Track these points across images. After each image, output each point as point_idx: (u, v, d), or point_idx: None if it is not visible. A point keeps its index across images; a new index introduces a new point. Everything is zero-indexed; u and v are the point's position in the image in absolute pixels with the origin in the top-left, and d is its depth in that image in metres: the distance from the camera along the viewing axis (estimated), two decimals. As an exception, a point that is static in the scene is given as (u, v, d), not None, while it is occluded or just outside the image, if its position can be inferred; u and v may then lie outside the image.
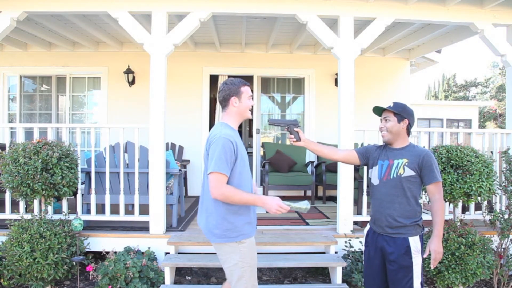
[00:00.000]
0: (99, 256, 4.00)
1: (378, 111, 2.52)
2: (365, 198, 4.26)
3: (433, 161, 2.35)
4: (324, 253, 3.98)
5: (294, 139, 2.52)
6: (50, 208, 3.98)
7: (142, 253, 3.81)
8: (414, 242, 2.32)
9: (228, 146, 2.10)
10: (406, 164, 2.35)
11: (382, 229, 2.39)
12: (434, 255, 2.24)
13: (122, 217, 4.11)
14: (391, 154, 2.43)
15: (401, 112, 2.41)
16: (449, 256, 3.38)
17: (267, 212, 2.71)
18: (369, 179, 2.56)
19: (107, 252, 3.75)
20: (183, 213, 5.03)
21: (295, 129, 2.52)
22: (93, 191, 4.11)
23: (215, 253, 3.79)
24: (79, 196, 4.08)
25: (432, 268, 2.30)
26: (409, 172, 2.34)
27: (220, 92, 2.30)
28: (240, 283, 2.19)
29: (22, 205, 3.96)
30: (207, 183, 2.16)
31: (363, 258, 2.58)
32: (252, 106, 2.36)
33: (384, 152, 2.48)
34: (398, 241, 2.33)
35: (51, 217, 3.85)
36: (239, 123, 2.35)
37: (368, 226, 2.57)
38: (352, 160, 2.62)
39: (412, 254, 2.30)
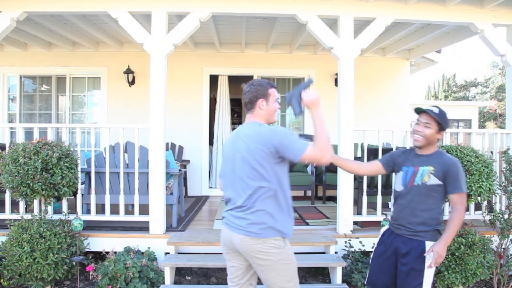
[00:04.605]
0: (99, 256, 3.99)
1: (419, 111, 2.39)
2: (365, 198, 4.26)
3: (460, 171, 2.27)
4: (324, 253, 3.98)
5: None
6: (50, 208, 3.97)
7: (142, 253, 3.81)
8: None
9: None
10: (432, 172, 2.28)
11: (401, 231, 2.37)
12: (436, 256, 2.20)
13: (122, 217, 4.11)
14: (417, 160, 2.37)
15: (443, 122, 2.30)
16: (449, 256, 3.38)
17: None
18: (393, 184, 2.52)
19: (107, 252, 3.75)
20: (183, 213, 5.03)
21: None
22: (93, 191, 4.11)
23: (215, 253, 3.83)
24: (79, 196, 4.08)
25: (426, 267, 2.25)
26: (434, 181, 2.28)
27: (246, 94, 2.15)
28: None
29: (22, 205, 3.96)
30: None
31: (372, 255, 2.54)
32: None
33: (410, 158, 2.41)
34: (414, 243, 2.29)
35: (51, 217, 3.85)
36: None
37: (386, 226, 2.55)
38: (378, 172, 2.58)
39: (426, 259, 2.25)
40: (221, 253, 3.77)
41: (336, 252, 3.94)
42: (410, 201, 2.34)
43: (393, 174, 2.56)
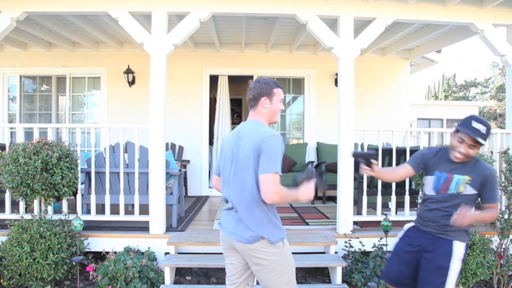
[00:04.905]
0: (99, 256, 4.00)
1: (469, 132, 2.20)
2: (365, 198, 4.26)
3: (496, 182, 2.25)
4: (324, 253, 3.98)
5: (370, 171, 2.41)
6: (50, 208, 3.98)
7: (142, 253, 3.81)
8: (459, 248, 2.27)
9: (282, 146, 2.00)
10: (469, 182, 2.22)
11: (430, 229, 2.35)
12: (461, 215, 2.10)
13: (122, 217, 4.11)
14: (451, 167, 2.29)
15: (487, 140, 2.22)
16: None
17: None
18: (421, 185, 2.49)
19: (107, 252, 3.75)
20: (183, 213, 5.03)
21: (372, 160, 2.41)
22: (93, 191, 4.11)
23: (215, 253, 3.83)
24: (79, 196, 4.08)
25: (448, 221, 2.20)
26: (470, 191, 2.24)
27: (251, 90, 2.12)
28: None
29: (22, 205, 3.96)
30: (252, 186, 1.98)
31: (392, 249, 2.52)
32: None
33: (443, 162, 2.33)
34: (442, 241, 2.28)
35: (51, 217, 3.85)
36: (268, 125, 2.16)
37: (411, 224, 2.52)
38: (410, 175, 2.52)
39: (452, 258, 2.24)
40: (221, 253, 3.77)
41: (336, 252, 3.94)
42: (442, 206, 2.31)
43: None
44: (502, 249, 3.76)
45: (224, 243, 2.17)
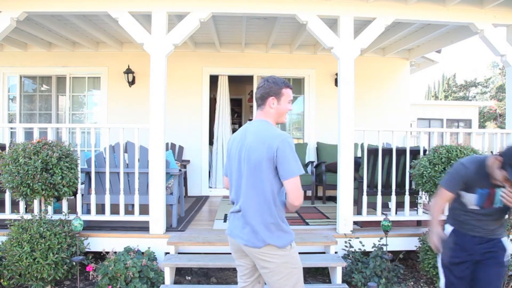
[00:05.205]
0: (99, 256, 4.00)
1: None
2: (365, 198, 4.25)
3: None
4: (324, 253, 3.98)
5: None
6: (50, 208, 3.98)
7: (142, 253, 3.81)
8: (508, 242, 2.40)
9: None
10: None
11: (481, 234, 2.39)
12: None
13: (122, 217, 4.11)
14: (491, 182, 2.29)
15: None
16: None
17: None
18: (457, 196, 2.43)
19: (107, 252, 3.75)
20: (183, 213, 5.03)
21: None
22: (93, 191, 4.11)
23: (215, 253, 3.83)
24: (79, 196, 4.08)
25: (496, 226, 2.37)
26: None
27: (259, 89, 2.09)
28: None
29: (22, 205, 3.96)
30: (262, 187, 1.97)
31: (444, 268, 2.50)
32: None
33: (483, 179, 2.30)
34: (494, 241, 2.39)
35: (51, 217, 3.85)
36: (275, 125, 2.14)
37: (450, 228, 2.50)
38: (451, 200, 2.47)
39: (506, 253, 2.37)
40: (221, 253, 3.79)
41: (336, 252, 3.94)
42: (487, 219, 2.37)
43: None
44: (502, 249, 3.76)
45: (233, 246, 2.15)
